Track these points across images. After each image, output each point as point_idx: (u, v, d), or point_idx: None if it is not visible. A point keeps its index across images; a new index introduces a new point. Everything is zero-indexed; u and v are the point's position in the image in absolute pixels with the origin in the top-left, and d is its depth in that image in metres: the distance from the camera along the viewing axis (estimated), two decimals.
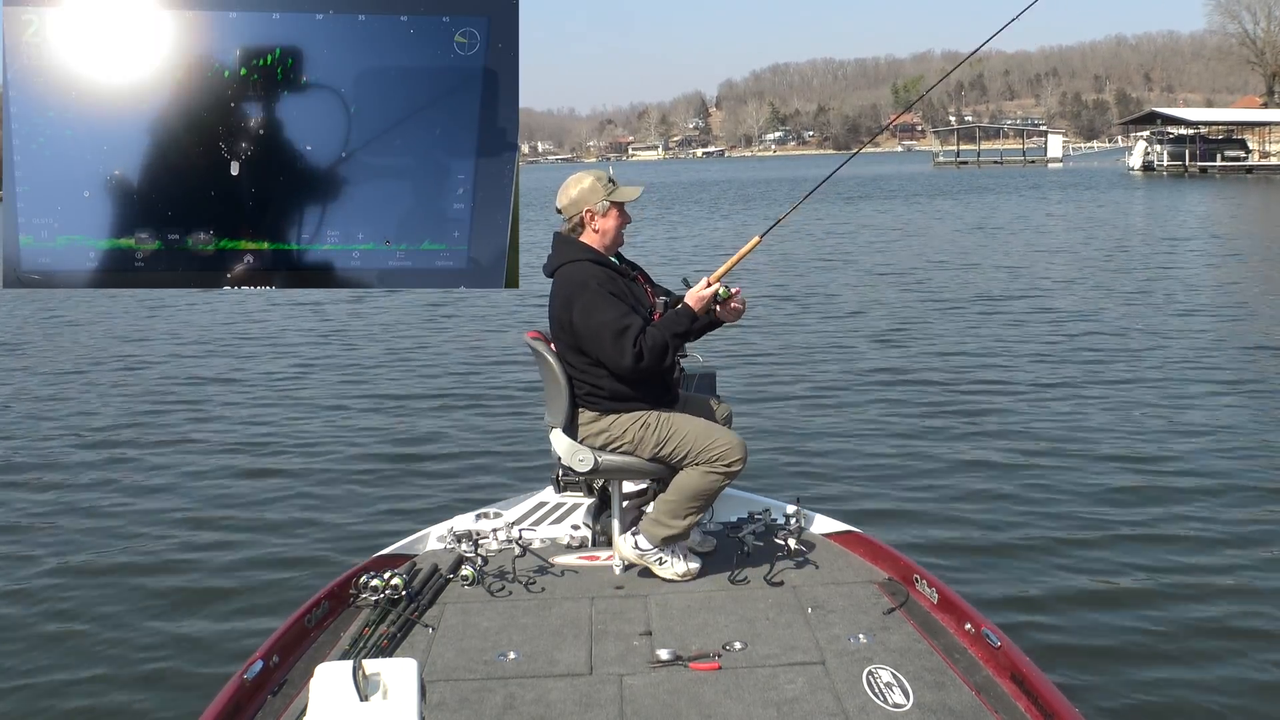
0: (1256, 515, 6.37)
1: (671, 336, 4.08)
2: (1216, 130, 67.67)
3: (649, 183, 5.58)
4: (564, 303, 4.11)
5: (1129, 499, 6.70)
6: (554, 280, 4.23)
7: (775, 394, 9.93)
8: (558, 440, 4.22)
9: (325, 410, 9.80)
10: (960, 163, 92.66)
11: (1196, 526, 6.20)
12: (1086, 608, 5.19)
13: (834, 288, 17.56)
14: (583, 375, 4.18)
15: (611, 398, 4.17)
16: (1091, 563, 5.72)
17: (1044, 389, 9.79)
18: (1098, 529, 6.20)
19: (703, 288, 4.15)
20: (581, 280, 4.10)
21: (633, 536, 4.20)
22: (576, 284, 4.10)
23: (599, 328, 4.03)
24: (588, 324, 4.05)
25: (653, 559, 4.19)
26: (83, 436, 9.04)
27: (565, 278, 4.16)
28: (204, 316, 16.50)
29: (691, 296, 4.14)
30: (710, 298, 4.14)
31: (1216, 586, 5.38)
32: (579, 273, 4.13)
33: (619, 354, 4.01)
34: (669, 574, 4.19)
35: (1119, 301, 15.11)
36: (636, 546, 4.19)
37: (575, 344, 4.14)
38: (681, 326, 4.11)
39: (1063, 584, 5.46)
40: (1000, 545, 6.00)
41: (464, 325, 15.00)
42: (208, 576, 5.88)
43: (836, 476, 7.38)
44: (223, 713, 3.11)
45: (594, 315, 4.04)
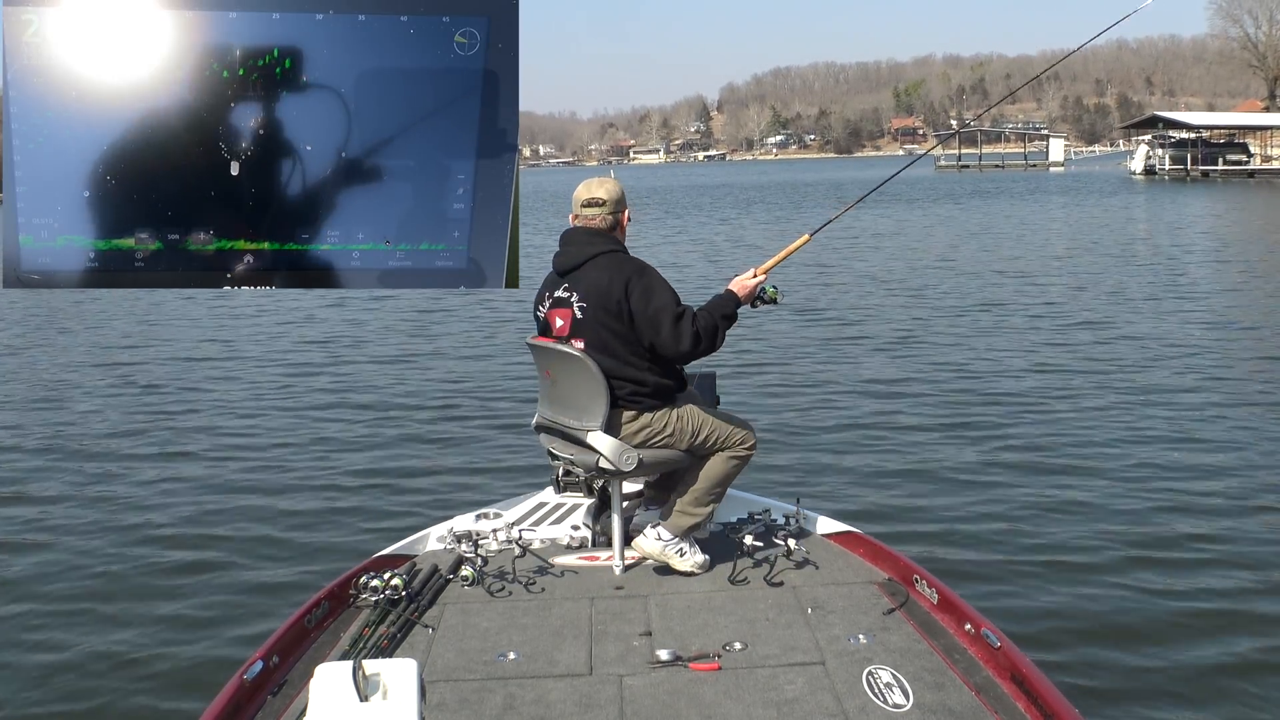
0: (1260, 516, 6.36)
1: (720, 319, 4.13)
2: (1218, 134, 67.62)
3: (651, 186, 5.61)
4: (621, 287, 4.02)
5: (1130, 500, 6.70)
6: (586, 270, 4.11)
7: (775, 394, 9.94)
8: (599, 441, 4.05)
9: (325, 410, 9.80)
10: (962, 166, 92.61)
11: (1198, 527, 6.20)
12: (1086, 608, 5.19)
13: (835, 288, 17.56)
14: (622, 372, 4.07)
15: (654, 394, 4.13)
16: (1092, 563, 5.72)
17: (1045, 390, 9.79)
18: (1098, 529, 6.20)
19: (748, 277, 4.26)
20: (636, 265, 4.10)
21: (654, 529, 4.20)
22: (631, 269, 4.08)
23: (658, 312, 4.01)
24: (646, 308, 4.01)
25: (674, 550, 4.18)
26: (85, 429, 9.05)
27: (610, 266, 4.08)
28: (205, 317, 16.50)
29: (737, 283, 4.25)
30: (754, 288, 4.25)
31: (1218, 588, 5.38)
32: (624, 260, 4.12)
33: (678, 337, 4.01)
34: (688, 565, 4.18)
35: (1121, 305, 15.12)
36: (660, 538, 4.18)
37: (623, 330, 4.04)
38: (728, 310, 4.17)
39: (1063, 584, 5.45)
40: (1000, 546, 6.00)
41: (464, 325, 15.00)
42: (207, 577, 5.88)
43: (836, 476, 7.38)
44: (223, 713, 3.10)
45: (653, 299, 4.02)
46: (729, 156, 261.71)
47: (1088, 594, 5.34)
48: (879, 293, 17.06)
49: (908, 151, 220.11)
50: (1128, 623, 5.03)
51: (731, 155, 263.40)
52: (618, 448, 4.07)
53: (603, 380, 4.02)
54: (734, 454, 4.24)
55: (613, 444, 4.07)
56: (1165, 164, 64.33)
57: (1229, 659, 4.68)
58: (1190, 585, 5.42)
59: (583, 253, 4.14)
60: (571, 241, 4.20)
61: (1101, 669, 4.60)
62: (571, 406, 4.15)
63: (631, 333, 4.05)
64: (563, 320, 4.16)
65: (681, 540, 4.20)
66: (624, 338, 4.05)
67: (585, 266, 4.11)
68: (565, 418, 4.18)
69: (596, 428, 4.05)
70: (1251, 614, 5.08)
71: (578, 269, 4.14)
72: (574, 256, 4.15)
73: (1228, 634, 4.89)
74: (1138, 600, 5.27)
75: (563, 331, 4.15)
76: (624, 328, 4.05)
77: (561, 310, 4.17)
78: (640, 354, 4.08)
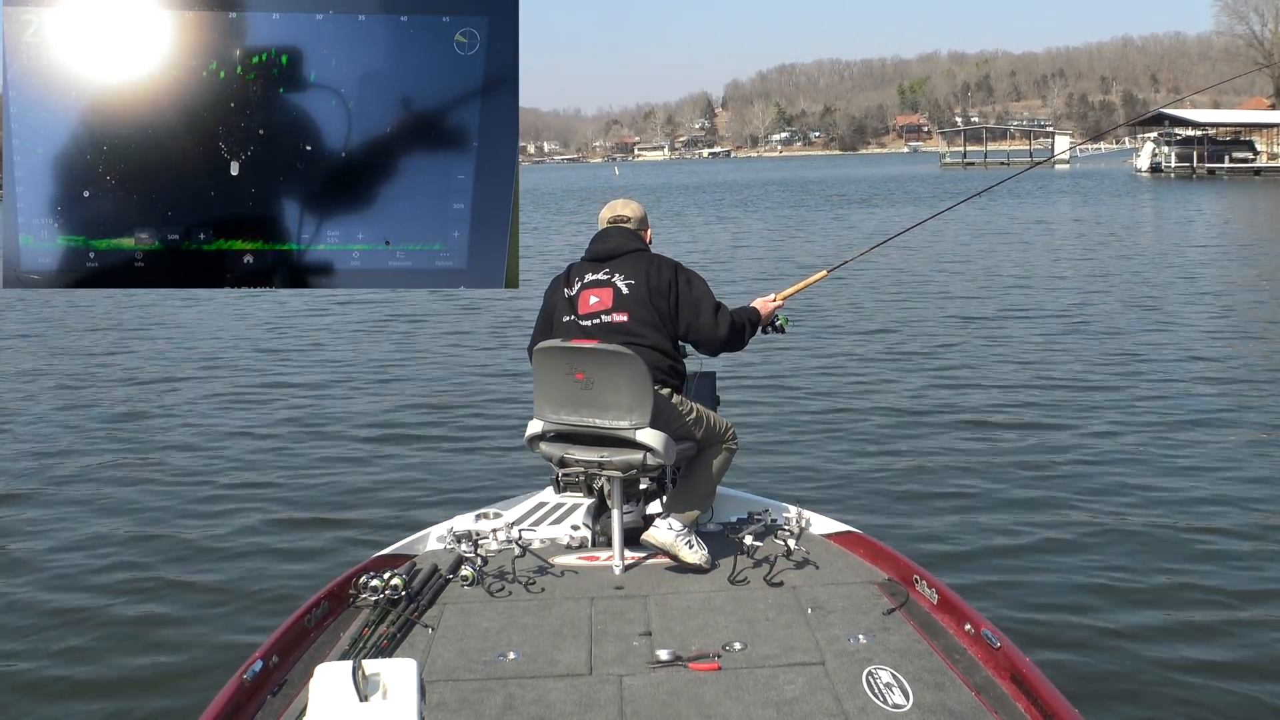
0: (1263, 519, 6.35)
1: (748, 322, 4.50)
2: (1224, 132, 67.41)
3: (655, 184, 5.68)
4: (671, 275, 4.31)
5: (1131, 500, 6.69)
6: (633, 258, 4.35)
7: (775, 394, 9.94)
8: (650, 437, 4.04)
9: (324, 410, 9.81)
10: (967, 164, 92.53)
11: (1200, 529, 6.19)
12: (1087, 608, 5.18)
13: (836, 288, 17.54)
14: (660, 345, 4.25)
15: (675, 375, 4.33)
16: (1092, 563, 5.72)
17: (1045, 391, 9.78)
18: (1099, 530, 6.19)
19: (769, 300, 4.68)
20: (674, 259, 4.41)
21: (664, 520, 4.23)
22: (676, 264, 4.39)
23: (701, 297, 4.32)
24: (692, 293, 4.31)
25: (683, 542, 4.22)
26: (88, 419, 9.07)
27: (656, 260, 4.36)
28: (205, 316, 16.52)
29: (759, 302, 4.65)
30: (773, 312, 4.63)
31: (1221, 588, 5.38)
32: (665, 258, 4.40)
33: (716, 324, 4.32)
34: (696, 558, 4.21)
35: (1124, 306, 15.10)
36: (672, 528, 4.22)
37: (665, 310, 4.26)
38: (755, 318, 4.57)
39: (1063, 584, 5.45)
40: (1000, 546, 6.00)
41: (464, 325, 15.01)
42: (207, 576, 5.89)
43: (836, 476, 7.37)
44: (222, 713, 3.11)
45: (696, 286, 4.34)
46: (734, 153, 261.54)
47: (1089, 594, 5.34)
48: (880, 294, 17.04)
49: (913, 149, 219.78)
50: (1128, 623, 5.02)
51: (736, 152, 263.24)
52: (667, 441, 4.10)
53: (649, 375, 4.05)
54: (729, 445, 4.44)
55: (663, 438, 4.08)
56: (1171, 161, 64.13)
57: (1230, 660, 4.67)
58: (1191, 586, 5.41)
59: (623, 245, 4.40)
60: (610, 235, 4.44)
61: (1102, 669, 4.60)
62: (612, 407, 4.08)
63: (670, 314, 4.28)
64: (599, 298, 4.28)
65: (690, 532, 4.26)
66: (665, 316, 4.28)
67: (628, 256, 4.36)
68: (604, 419, 4.11)
69: (645, 424, 4.05)
70: (1253, 615, 5.08)
71: (620, 257, 4.37)
72: (617, 245, 4.40)
73: (1228, 635, 4.89)
74: (1138, 600, 5.27)
75: (600, 306, 4.26)
76: (667, 307, 4.28)
77: (600, 290, 4.30)
78: (672, 336, 4.31)
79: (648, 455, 4.06)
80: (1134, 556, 5.80)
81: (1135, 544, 5.97)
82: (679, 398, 4.31)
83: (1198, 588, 5.38)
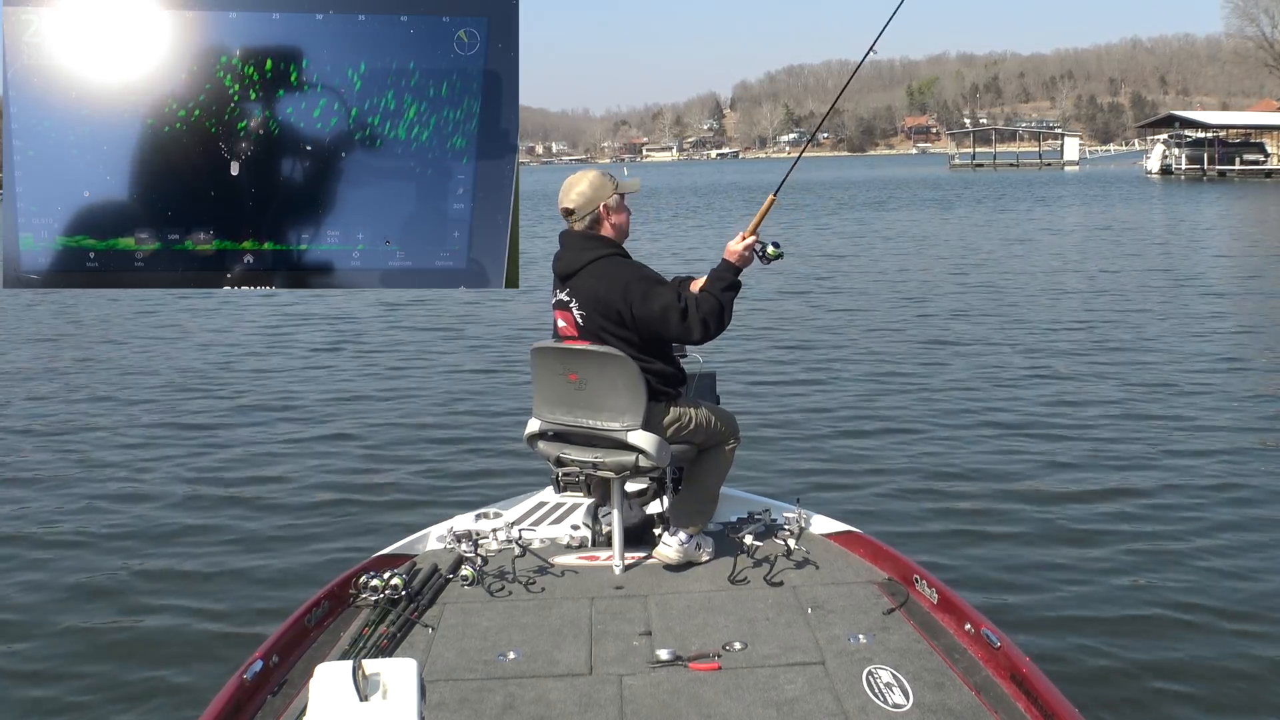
0: (1266, 519, 6.33)
1: (721, 293, 4.09)
2: (1235, 134, 67.18)
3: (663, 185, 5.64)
4: (619, 295, 4.03)
5: (1133, 501, 6.68)
6: (584, 277, 4.10)
7: (775, 394, 9.94)
8: (642, 439, 4.05)
9: (325, 410, 9.83)
10: (976, 165, 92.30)
11: (1201, 530, 6.18)
12: (1087, 608, 5.18)
13: (839, 287, 17.53)
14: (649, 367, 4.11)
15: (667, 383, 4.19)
16: (1093, 563, 5.71)
17: (1046, 391, 9.76)
18: (1099, 530, 6.19)
19: (737, 241, 4.16)
20: (630, 271, 4.09)
21: (673, 536, 4.23)
22: (627, 275, 4.07)
23: (663, 311, 4.00)
24: (650, 311, 4.01)
25: (693, 547, 4.26)
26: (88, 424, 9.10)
27: (605, 274, 4.06)
28: (205, 316, 16.56)
29: (730, 251, 4.15)
30: (747, 250, 4.13)
31: (1222, 589, 5.36)
32: (618, 266, 4.10)
33: (688, 330, 4.02)
34: (707, 556, 4.28)
35: (1128, 307, 15.06)
36: (681, 544, 4.23)
37: (631, 336, 4.07)
38: (727, 281, 4.12)
39: (1063, 584, 5.45)
40: (1001, 546, 6.00)
41: (464, 325, 15.01)
42: (207, 576, 5.90)
43: (837, 476, 7.37)
44: (223, 713, 3.11)
45: (652, 301, 4.01)
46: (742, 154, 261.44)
47: (1088, 594, 5.34)
48: (880, 294, 17.01)
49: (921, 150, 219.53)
50: (1129, 623, 5.02)
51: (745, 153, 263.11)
52: (660, 444, 4.09)
53: (642, 378, 4.03)
54: (731, 447, 4.37)
55: (656, 440, 4.08)
56: (1182, 163, 63.88)
57: (1230, 660, 4.66)
58: (1192, 586, 5.40)
59: (579, 258, 4.12)
60: (567, 246, 4.20)
61: (1102, 669, 4.59)
62: (605, 408, 4.09)
63: (634, 334, 4.07)
64: (565, 322, 4.20)
65: (697, 537, 4.28)
66: (627, 340, 4.07)
67: (582, 273, 4.11)
68: (598, 420, 4.12)
69: (637, 426, 4.05)
70: (1253, 615, 5.06)
71: (575, 275, 4.14)
72: (570, 262, 4.15)
73: (1229, 635, 4.88)
74: (1139, 600, 5.26)
75: (568, 331, 4.19)
76: (626, 331, 4.07)
77: (564, 314, 4.20)
78: (646, 349, 4.11)
79: (640, 457, 4.06)
80: (1135, 556, 5.79)
81: (1136, 544, 5.96)
82: (676, 410, 4.19)
83: (1200, 589, 5.37)
